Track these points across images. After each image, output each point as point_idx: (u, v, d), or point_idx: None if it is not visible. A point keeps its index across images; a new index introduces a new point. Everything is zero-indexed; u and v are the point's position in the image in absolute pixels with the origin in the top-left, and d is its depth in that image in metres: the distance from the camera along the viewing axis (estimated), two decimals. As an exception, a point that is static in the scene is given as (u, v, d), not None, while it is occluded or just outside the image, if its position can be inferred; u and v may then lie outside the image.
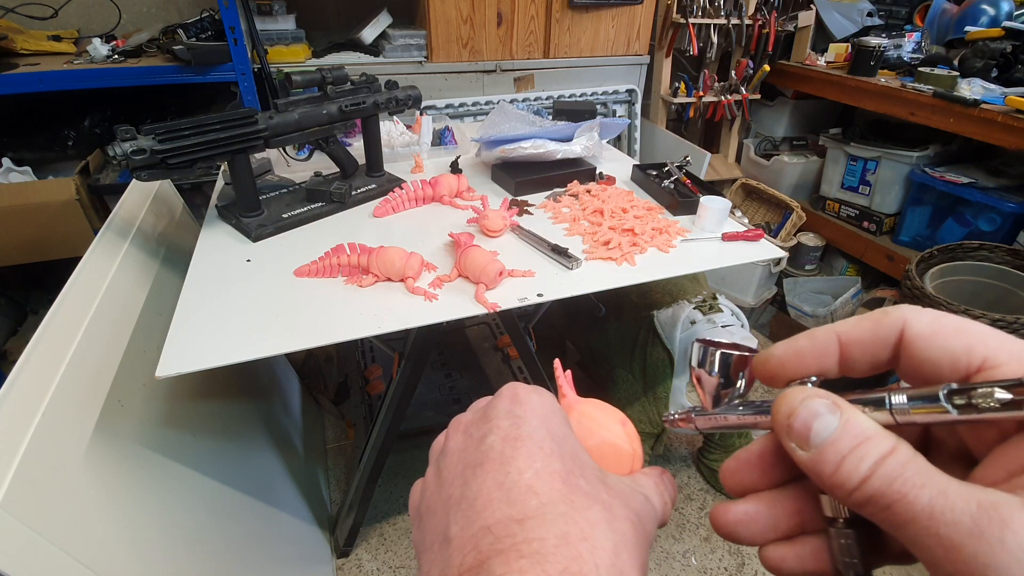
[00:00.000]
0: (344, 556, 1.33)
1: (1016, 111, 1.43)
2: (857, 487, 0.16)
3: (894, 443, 0.17)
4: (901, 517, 0.16)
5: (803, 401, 0.18)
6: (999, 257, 1.57)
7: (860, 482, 0.16)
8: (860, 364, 0.20)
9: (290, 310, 0.79)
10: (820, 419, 0.18)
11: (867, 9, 2.14)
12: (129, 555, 0.66)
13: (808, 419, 0.18)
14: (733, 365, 0.25)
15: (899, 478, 0.16)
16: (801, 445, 0.18)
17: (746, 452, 0.22)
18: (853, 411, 0.18)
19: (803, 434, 0.18)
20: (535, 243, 0.96)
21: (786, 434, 0.19)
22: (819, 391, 0.19)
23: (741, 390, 0.25)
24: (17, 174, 1.42)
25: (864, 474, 0.16)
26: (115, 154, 0.81)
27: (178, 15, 1.76)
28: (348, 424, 1.65)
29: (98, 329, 0.78)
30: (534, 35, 1.82)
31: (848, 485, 0.17)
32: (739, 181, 2.25)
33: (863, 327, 0.20)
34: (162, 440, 0.82)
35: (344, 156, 1.13)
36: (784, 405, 0.19)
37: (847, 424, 0.17)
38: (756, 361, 0.23)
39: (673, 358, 1.24)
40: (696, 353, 0.26)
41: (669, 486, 0.24)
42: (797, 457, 0.18)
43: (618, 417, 0.27)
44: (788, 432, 0.19)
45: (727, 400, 0.25)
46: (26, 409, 0.61)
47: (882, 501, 0.16)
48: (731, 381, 0.25)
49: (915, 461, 0.16)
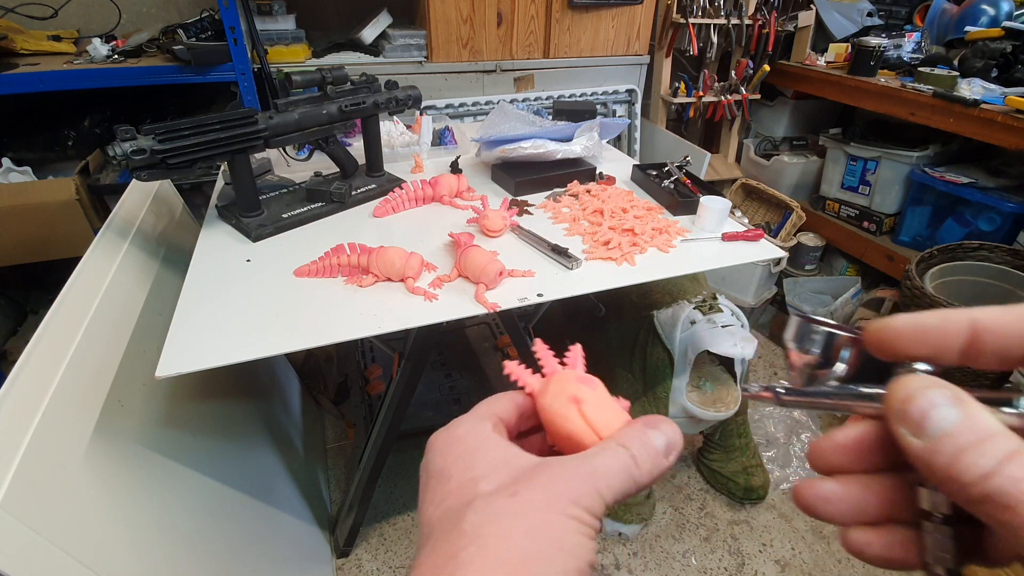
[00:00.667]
0: (344, 556, 1.33)
1: (1016, 111, 1.43)
2: (975, 482, 0.16)
3: (1020, 444, 0.16)
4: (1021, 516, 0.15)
5: (922, 389, 0.18)
6: (999, 257, 1.57)
7: (979, 478, 0.16)
8: (988, 357, 0.19)
9: (290, 310, 0.79)
10: (939, 409, 0.17)
11: (867, 9, 2.14)
12: (129, 555, 0.66)
13: (926, 407, 0.18)
14: (836, 344, 0.24)
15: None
16: (915, 432, 0.18)
17: (842, 434, 0.22)
18: (976, 406, 0.17)
19: (919, 422, 0.18)
20: (535, 243, 0.96)
21: (899, 419, 0.18)
22: (939, 380, 0.19)
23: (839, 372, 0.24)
24: (17, 174, 1.42)
25: (985, 470, 0.16)
26: (115, 154, 0.81)
27: (178, 15, 1.76)
28: (348, 424, 1.65)
29: (98, 329, 0.78)
30: (534, 35, 1.82)
31: (964, 479, 0.16)
32: (739, 181, 2.25)
33: (1008, 318, 0.19)
34: (162, 440, 0.82)
35: (344, 156, 1.13)
36: (901, 390, 0.19)
37: (970, 418, 0.17)
38: (872, 327, 0.22)
39: (673, 358, 1.24)
40: (794, 328, 0.25)
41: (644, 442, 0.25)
42: (907, 444, 0.18)
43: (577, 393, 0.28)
44: (902, 417, 0.18)
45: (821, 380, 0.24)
46: (26, 409, 0.61)
47: (1004, 500, 0.16)
48: (830, 361, 0.24)
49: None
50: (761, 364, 1.98)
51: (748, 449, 1.45)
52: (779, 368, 1.97)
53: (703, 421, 1.29)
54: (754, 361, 1.99)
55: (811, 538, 1.40)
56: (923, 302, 1.44)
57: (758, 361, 1.99)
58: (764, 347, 2.07)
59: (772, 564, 1.34)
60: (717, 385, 1.31)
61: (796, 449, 1.61)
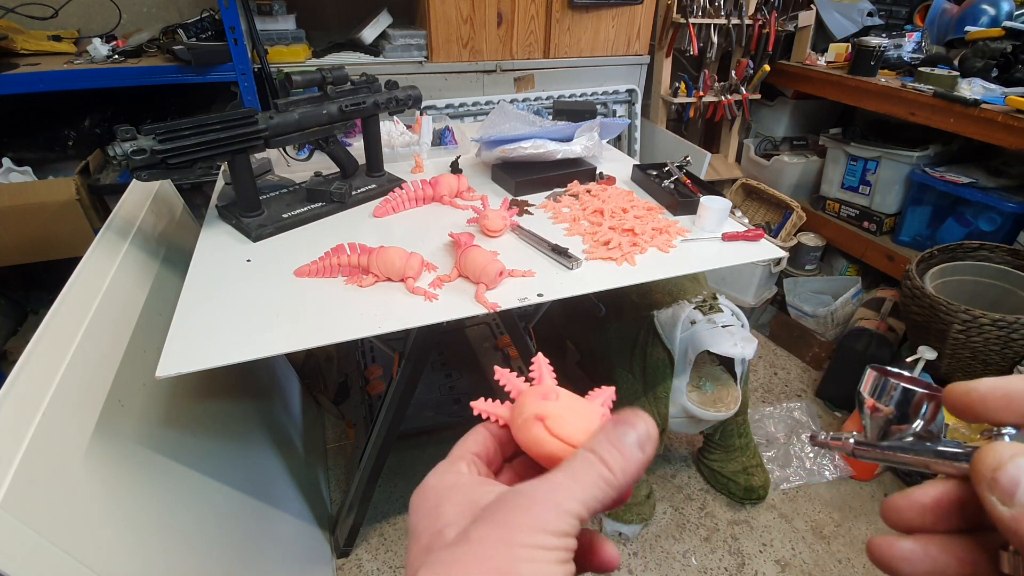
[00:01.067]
0: (344, 556, 1.33)
1: (1016, 111, 1.43)
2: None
3: None
4: None
5: (1012, 457, 0.18)
6: (999, 257, 1.57)
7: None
8: None
9: (290, 310, 0.79)
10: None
11: (867, 9, 2.14)
12: (129, 555, 0.66)
13: (1017, 476, 0.18)
14: (915, 402, 0.23)
15: None
16: (1004, 501, 0.18)
17: (921, 492, 0.22)
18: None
19: (1009, 490, 0.18)
20: (535, 243, 0.96)
21: (988, 487, 0.18)
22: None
23: (917, 428, 0.24)
24: (17, 174, 1.42)
25: None
26: (115, 154, 0.81)
27: (178, 15, 1.76)
28: (348, 424, 1.65)
29: (98, 329, 0.78)
30: (534, 35, 1.82)
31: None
32: (739, 181, 2.25)
33: None
34: (162, 440, 0.82)
35: (344, 156, 1.13)
36: (991, 458, 0.19)
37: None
38: (955, 390, 0.22)
39: (673, 358, 1.24)
40: (871, 382, 0.24)
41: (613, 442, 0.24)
42: (996, 512, 0.18)
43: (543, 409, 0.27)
44: (992, 485, 0.18)
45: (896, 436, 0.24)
46: (26, 409, 0.61)
47: None
48: (907, 418, 0.24)
49: None
50: (761, 364, 1.98)
51: (748, 449, 1.45)
52: (779, 368, 1.96)
53: (703, 421, 1.29)
54: (754, 361, 1.99)
55: (811, 538, 1.40)
56: (923, 302, 1.44)
57: (758, 361, 1.99)
58: (764, 347, 2.07)
59: (772, 564, 1.34)
60: (717, 385, 1.31)
61: (796, 449, 1.61)
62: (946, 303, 1.38)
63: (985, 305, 1.38)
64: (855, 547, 1.38)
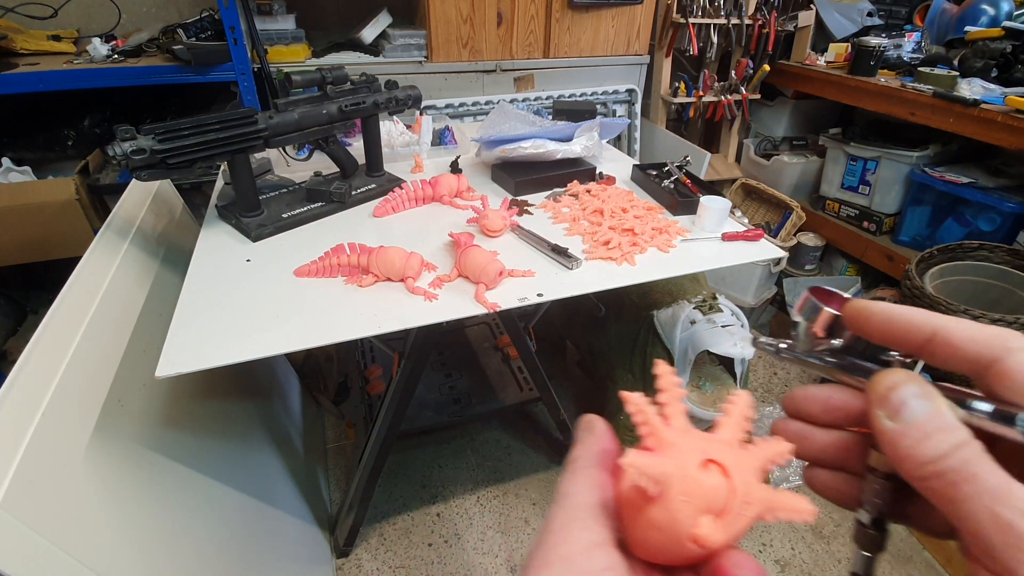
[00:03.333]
0: (344, 556, 1.33)
1: (1016, 111, 1.43)
2: (931, 462, 0.20)
3: (970, 437, 0.20)
4: (964, 494, 0.19)
5: (903, 382, 0.22)
6: (999, 257, 1.57)
7: (935, 458, 0.20)
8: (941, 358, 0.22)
9: (290, 310, 0.79)
10: (915, 401, 0.21)
11: (867, 9, 2.14)
12: (129, 555, 0.66)
13: (904, 398, 0.21)
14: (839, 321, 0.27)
15: (974, 462, 0.19)
16: (891, 416, 0.21)
17: (816, 389, 0.26)
18: (942, 402, 0.21)
19: (897, 409, 0.21)
20: (535, 243, 0.96)
21: (879, 403, 0.22)
22: (917, 376, 0.22)
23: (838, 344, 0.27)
24: (17, 174, 1.42)
25: (942, 452, 0.20)
26: (115, 154, 0.81)
27: (178, 15, 1.76)
28: (348, 424, 1.65)
29: (98, 329, 0.77)
30: (534, 35, 1.82)
31: (923, 458, 0.20)
32: (739, 181, 2.26)
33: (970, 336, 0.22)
34: (162, 440, 0.82)
35: (344, 156, 1.13)
36: (887, 379, 0.22)
37: (937, 412, 0.21)
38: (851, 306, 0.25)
39: (673, 358, 1.24)
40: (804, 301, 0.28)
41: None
42: (881, 424, 0.22)
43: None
44: (882, 402, 0.22)
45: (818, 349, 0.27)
46: (26, 409, 0.61)
47: (951, 477, 0.19)
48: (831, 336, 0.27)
49: (986, 456, 0.19)
50: (761, 364, 1.98)
51: (748, 449, 1.45)
52: (778, 368, 1.97)
53: (703, 421, 1.29)
54: (754, 361, 1.99)
55: (811, 538, 1.40)
56: (923, 302, 1.44)
57: (758, 361, 1.99)
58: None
59: (772, 564, 1.34)
60: (717, 385, 1.31)
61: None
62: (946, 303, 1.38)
63: (985, 305, 1.38)
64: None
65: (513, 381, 1.47)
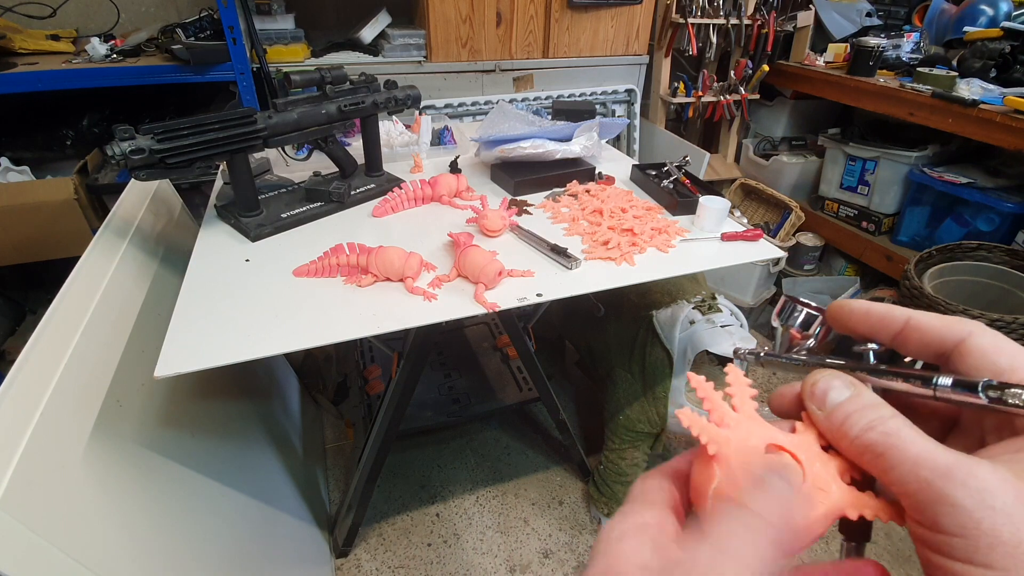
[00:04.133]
0: (343, 556, 1.33)
1: (1014, 111, 1.43)
2: (858, 435, 0.22)
3: (894, 411, 0.22)
4: (891, 462, 0.20)
5: (825, 376, 0.24)
6: (997, 257, 1.57)
7: (860, 431, 0.22)
8: (912, 347, 0.25)
9: (289, 310, 0.79)
10: (835, 390, 0.24)
11: (866, 9, 2.14)
12: (128, 555, 0.66)
13: (826, 388, 0.24)
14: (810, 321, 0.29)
15: (896, 434, 0.21)
16: (819, 407, 0.24)
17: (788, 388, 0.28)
18: (864, 387, 0.23)
19: (821, 398, 0.24)
20: (534, 243, 0.96)
21: (808, 397, 0.24)
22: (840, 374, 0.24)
23: (810, 344, 0.29)
24: (15, 174, 1.42)
25: (864, 426, 0.21)
26: (114, 154, 0.80)
27: (177, 14, 1.76)
28: (347, 424, 1.65)
29: (97, 329, 0.77)
30: (533, 35, 1.82)
31: (850, 434, 0.22)
32: (738, 181, 2.26)
33: (935, 323, 0.24)
34: (161, 440, 0.82)
35: (343, 156, 1.13)
36: (813, 376, 0.25)
37: (857, 395, 0.23)
38: (833, 306, 0.27)
39: (672, 358, 1.24)
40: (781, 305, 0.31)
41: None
42: (813, 416, 0.24)
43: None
44: (811, 396, 0.24)
45: (795, 350, 0.30)
46: (24, 409, 0.60)
47: (878, 448, 0.21)
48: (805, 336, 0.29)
49: (909, 425, 0.21)
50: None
51: (747, 449, 1.44)
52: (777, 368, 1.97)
53: (702, 421, 1.28)
54: (753, 361, 1.99)
55: (810, 538, 1.40)
56: (922, 302, 1.44)
57: (757, 361, 1.99)
58: (765, 346, 2.07)
59: (771, 564, 1.34)
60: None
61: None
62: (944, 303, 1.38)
63: (983, 305, 1.38)
64: (854, 547, 1.38)
65: (512, 381, 1.47)
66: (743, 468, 0.22)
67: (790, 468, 0.22)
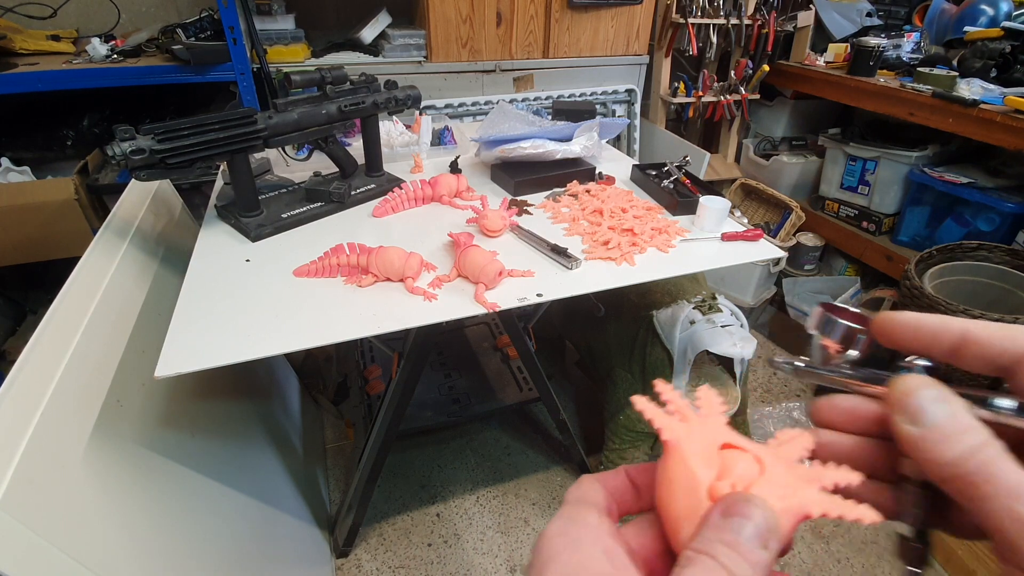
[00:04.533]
0: (343, 556, 1.33)
1: (1015, 111, 1.43)
2: (953, 463, 0.20)
3: (989, 436, 0.20)
4: (985, 492, 0.19)
5: (920, 387, 0.22)
6: (998, 257, 1.57)
7: (956, 459, 0.20)
8: (971, 361, 0.23)
9: (290, 310, 0.79)
10: (934, 405, 0.21)
11: (866, 9, 2.14)
12: (128, 555, 0.66)
13: (923, 403, 0.22)
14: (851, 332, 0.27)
15: (993, 462, 0.19)
16: (912, 421, 0.22)
17: (841, 399, 0.26)
18: (959, 404, 0.21)
19: (916, 414, 0.22)
20: (534, 243, 0.96)
21: (899, 410, 0.22)
22: (934, 381, 0.22)
23: (852, 356, 0.27)
24: (16, 174, 1.42)
25: (961, 453, 0.20)
26: (114, 154, 0.81)
27: (177, 15, 1.76)
28: (347, 424, 1.65)
29: (97, 329, 0.77)
30: (533, 35, 1.82)
31: (943, 460, 0.20)
32: (738, 181, 2.26)
33: (996, 333, 0.22)
34: (161, 440, 0.82)
35: (343, 156, 1.13)
36: (903, 385, 0.23)
37: (954, 415, 0.21)
38: (880, 319, 0.26)
39: (673, 358, 1.24)
40: (818, 317, 0.28)
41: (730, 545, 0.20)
42: (902, 429, 0.22)
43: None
44: (902, 408, 0.22)
45: (835, 362, 0.28)
46: (25, 409, 0.61)
47: (972, 477, 0.19)
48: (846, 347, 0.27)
49: (1006, 454, 0.20)
50: (760, 364, 1.98)
51: (747, 449, 1.44)
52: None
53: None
54: (753, 361, 1.99)
55: (811, 538, 1.40)
56: (922, 302, 1.44)
57: (757, 361, 1.99)
58: (763, 347, 2.07)
59: (771, 564, 1.34)
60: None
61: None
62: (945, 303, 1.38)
63: (984, 305, 1.38)
64: (854, 547, 1.38)
65: (512, 381, 1.47)
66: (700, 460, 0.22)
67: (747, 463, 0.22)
